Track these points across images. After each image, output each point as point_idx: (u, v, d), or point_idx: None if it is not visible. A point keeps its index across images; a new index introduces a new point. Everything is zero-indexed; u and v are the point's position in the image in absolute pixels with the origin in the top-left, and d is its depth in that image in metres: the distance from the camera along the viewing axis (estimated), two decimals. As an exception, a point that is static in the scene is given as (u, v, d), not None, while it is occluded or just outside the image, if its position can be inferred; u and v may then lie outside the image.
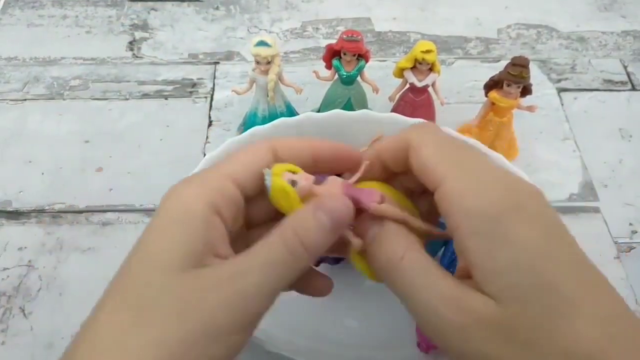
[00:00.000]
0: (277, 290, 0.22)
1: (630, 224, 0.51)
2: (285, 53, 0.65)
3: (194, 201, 0.22)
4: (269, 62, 0.50)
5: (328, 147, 0.26)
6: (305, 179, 0.24)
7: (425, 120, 0.25)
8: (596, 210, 0.52)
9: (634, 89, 0.62)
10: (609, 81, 0.63)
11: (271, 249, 0.22)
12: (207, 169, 0.25)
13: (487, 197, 0.21)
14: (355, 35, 0.49)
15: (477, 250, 0.21)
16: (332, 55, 0.51)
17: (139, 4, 0.71)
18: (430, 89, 0.52)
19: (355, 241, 0.24)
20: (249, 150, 0.25)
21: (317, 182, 0.25)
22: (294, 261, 0.22)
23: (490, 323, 0.20)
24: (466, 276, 0.22)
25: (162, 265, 0.21)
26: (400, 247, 0.23)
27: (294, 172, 0.24)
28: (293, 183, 0.24)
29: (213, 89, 0.61)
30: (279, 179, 0.24)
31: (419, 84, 0.51)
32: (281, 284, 0.22)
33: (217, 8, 0.70)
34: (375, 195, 0.24)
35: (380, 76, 0.54)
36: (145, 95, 0.61)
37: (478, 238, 0.21)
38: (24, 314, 0.45)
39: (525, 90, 0.50)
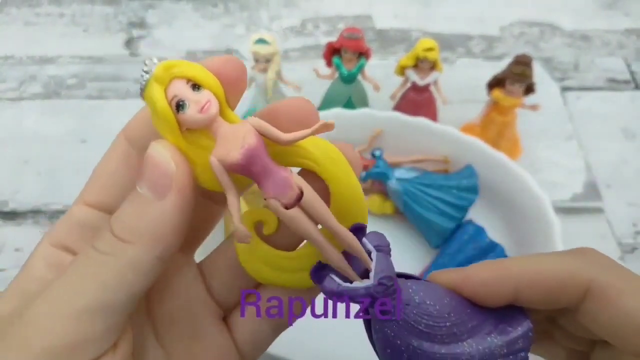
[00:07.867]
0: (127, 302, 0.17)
1: (634, 225, 0.50)
2: (284, 51, 0.64)
3: None
4: (268, 61, 0.49)
5: None
6: (205, 104, 0.16)
7: (592, 249, 0.19)
8: (600, 210, 0.51)
9: (637, 87, 0.61)
10: (613, 80, 0.62)
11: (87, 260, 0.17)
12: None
13: None
14: (355, 33, 0.48)
15: None
16: (333, 53, 0.50)
17: (137, 1, 0.70)
18: (432, 88, 0.52)
19: (241, 230, 0.17)
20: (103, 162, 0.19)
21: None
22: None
23: None
24: None
25: None
26: None
27: (197, 86, 0.16)
28: (179, 105, 0.16)
29: (212, 88, 0.60)
30: (160, 92, 0.16)
31: (420, 83, 0.50)
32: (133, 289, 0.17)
33: (216, 5, 0.70)
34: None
35: (381, 74, 0.53)
36: (143, 94, 0.60)
37: None
38: (20, 317, 0.44)
39: (529, 89, 0.49)
